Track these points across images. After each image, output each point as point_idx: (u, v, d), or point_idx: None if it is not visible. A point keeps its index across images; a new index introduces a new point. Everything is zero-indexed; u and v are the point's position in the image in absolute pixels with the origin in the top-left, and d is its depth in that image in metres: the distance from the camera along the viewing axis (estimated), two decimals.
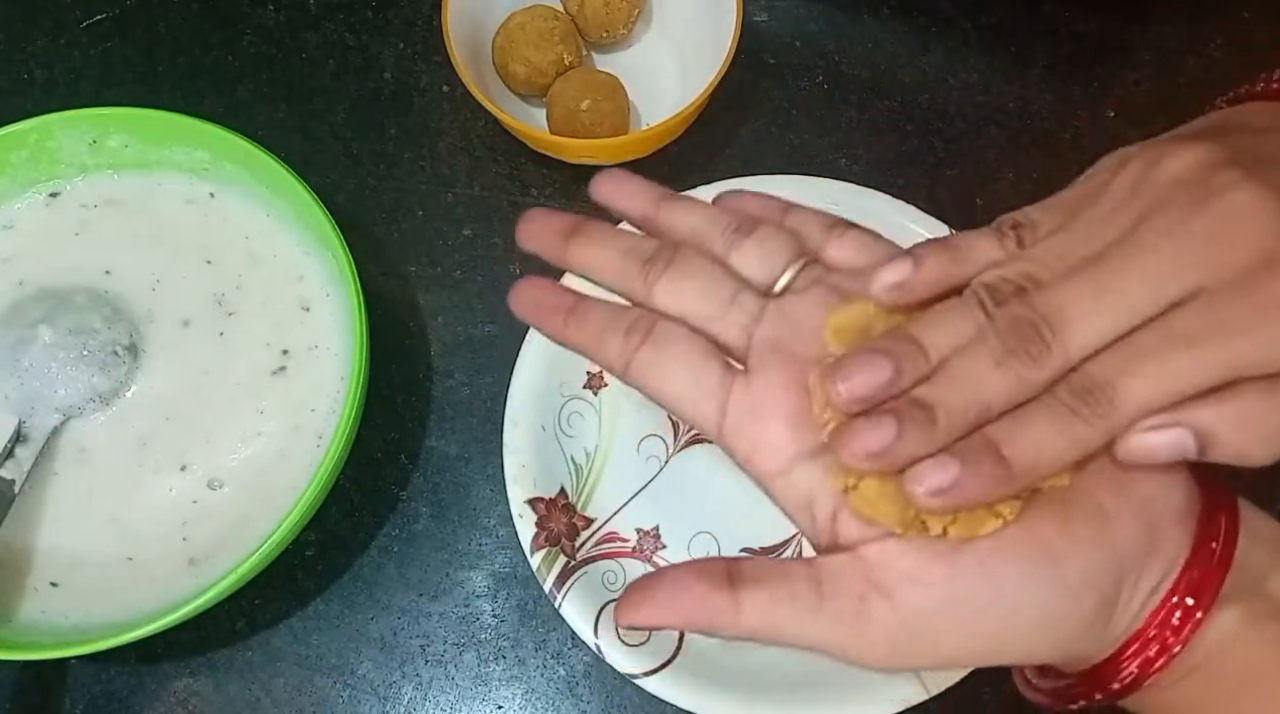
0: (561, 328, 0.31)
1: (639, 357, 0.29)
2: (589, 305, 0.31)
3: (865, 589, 0.26)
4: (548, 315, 0.31)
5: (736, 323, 0.30)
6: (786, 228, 0.32)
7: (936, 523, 0.26)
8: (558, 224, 0.32)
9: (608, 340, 0.30)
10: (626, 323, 0.30)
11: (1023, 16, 0.58)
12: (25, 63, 0.58)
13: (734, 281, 0.30)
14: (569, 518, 0.47)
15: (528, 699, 0.47)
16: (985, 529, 0.26)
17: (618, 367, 0.30)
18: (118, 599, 0.45)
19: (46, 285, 0.49)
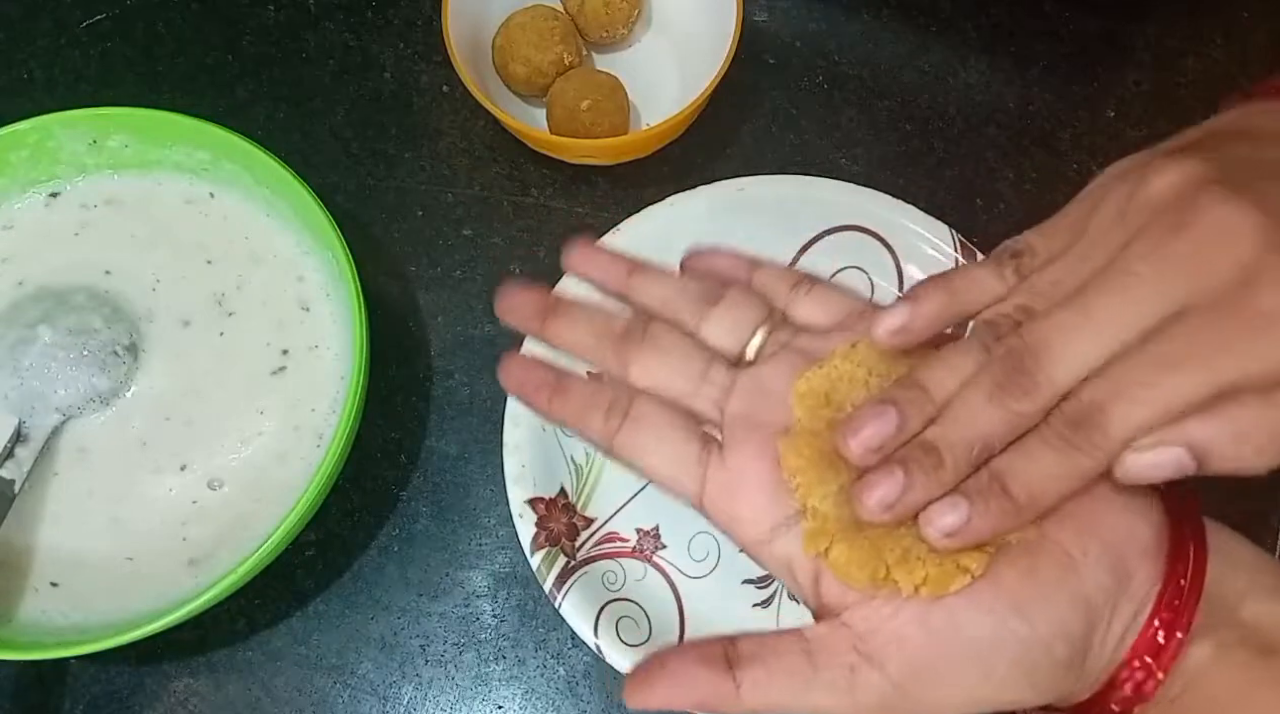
0: (547, 406, 0.32)
1: (620, 436, 0.31)
2: (570, 383, 0.32)
3: (854, 659, 0.27)
4: (533, 392, 0.32)
5: (708, 397, 0.31)
6: (754, 288, 0.33)
7: (907, 583, 0.27)
8: (535, 302, 0.33)
9: (590, 419, 0.31)
10: (606, 403, 0.31)
11: (1023, 16, 0.58)
12: (25, 63, 0.58)
13: (705, 355, 0.32)
14: (569, 518, 0.47)
15: (528, 699, 0.47)
16: (954, 586, 0.27)
17: (601, 445, 0.31)
18: (118, 599, 0.45)
19: (46, 285, 0.49)
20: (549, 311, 0.33)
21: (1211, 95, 0.56)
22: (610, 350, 0.32)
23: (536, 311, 0.33)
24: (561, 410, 0.32)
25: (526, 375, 0.33)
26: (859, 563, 0.27)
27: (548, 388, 0.32)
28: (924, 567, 0.27)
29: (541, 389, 0.32)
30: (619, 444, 0.31)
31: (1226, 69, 0.57)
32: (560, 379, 0.33)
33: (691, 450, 0.30)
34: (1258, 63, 0.57)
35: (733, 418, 0.30)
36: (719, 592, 0.47)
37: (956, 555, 0.27)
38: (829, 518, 0.28)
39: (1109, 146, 0.55)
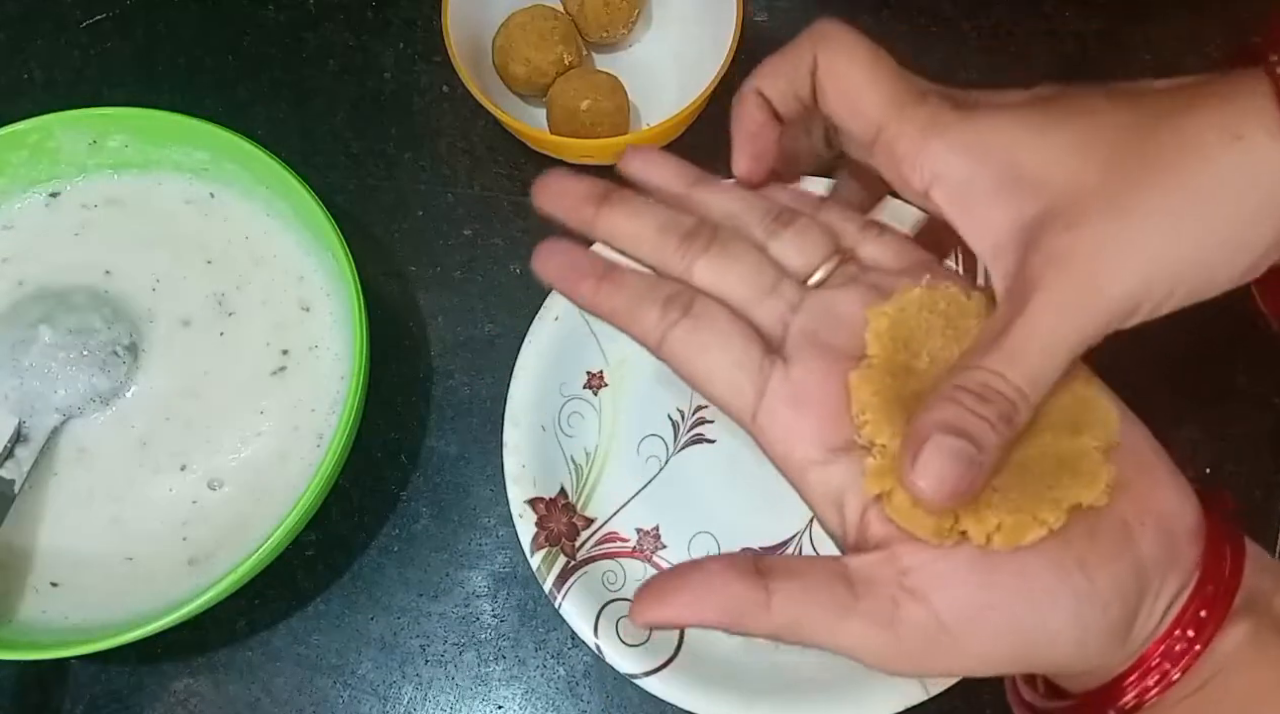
0: (592, 294, 0.29)
1: (676, 331, 0.28)
2: (623, 273, 0.29)
3: (898, 592, 0.26)
4: (577, 280, 0.29)
5: (775, 310, 0.29)
6: (822, 222, 0.31)
7: (979, 532, 0.26)
8: (585, 188, 0.30)
9: (643, 310, 0.29)
10: (665, 294, 0.29)
11: (1023, 16, 0.58)
12: (25, 63, 0.58)
13: (774, 268, 0.30)
14: (569, 518, 0.47)
15: (528, 699, 0.47)
16: (1029, 537, 0.26)
17: (652, 339, 0.29)
18: (118, 599, 0.45)
19: (46, 285, 0.49)
20: (604, 199, 0.30)
21: None
22: (674, 246, 0.29)
23: (588, 197, 0.30)
24: (611, 301, 0.29)
25: (572, 260, 0.29)
26: (925, 511, 0.26)
27: (595, 277, 0.29)
28: (997, 515, 0.26)
29: (588, 278, 0.29)
30: (674, 340, 0.28)
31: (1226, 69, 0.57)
32: (610, 268, 0.29)
33: (754, 356, 0.28)
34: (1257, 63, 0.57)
35: (799, 334, 0.29)
36: None
37: (1034, 506, 0.26)
38: (897, 456, 0.27)
39: None
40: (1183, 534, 0.28)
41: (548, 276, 0.30)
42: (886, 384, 0.28)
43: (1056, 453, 0.27)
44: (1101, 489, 0.27)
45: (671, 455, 0.49)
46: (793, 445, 0.28)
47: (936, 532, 0.26)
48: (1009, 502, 0.26)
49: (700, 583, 0.26)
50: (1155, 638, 0.27)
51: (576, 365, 0.50)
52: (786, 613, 0.26)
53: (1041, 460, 0.27)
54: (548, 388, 0.49)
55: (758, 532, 0.48)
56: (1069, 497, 0.27)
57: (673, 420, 0.49)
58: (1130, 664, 0.27)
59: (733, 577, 0.26)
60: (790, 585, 0.26)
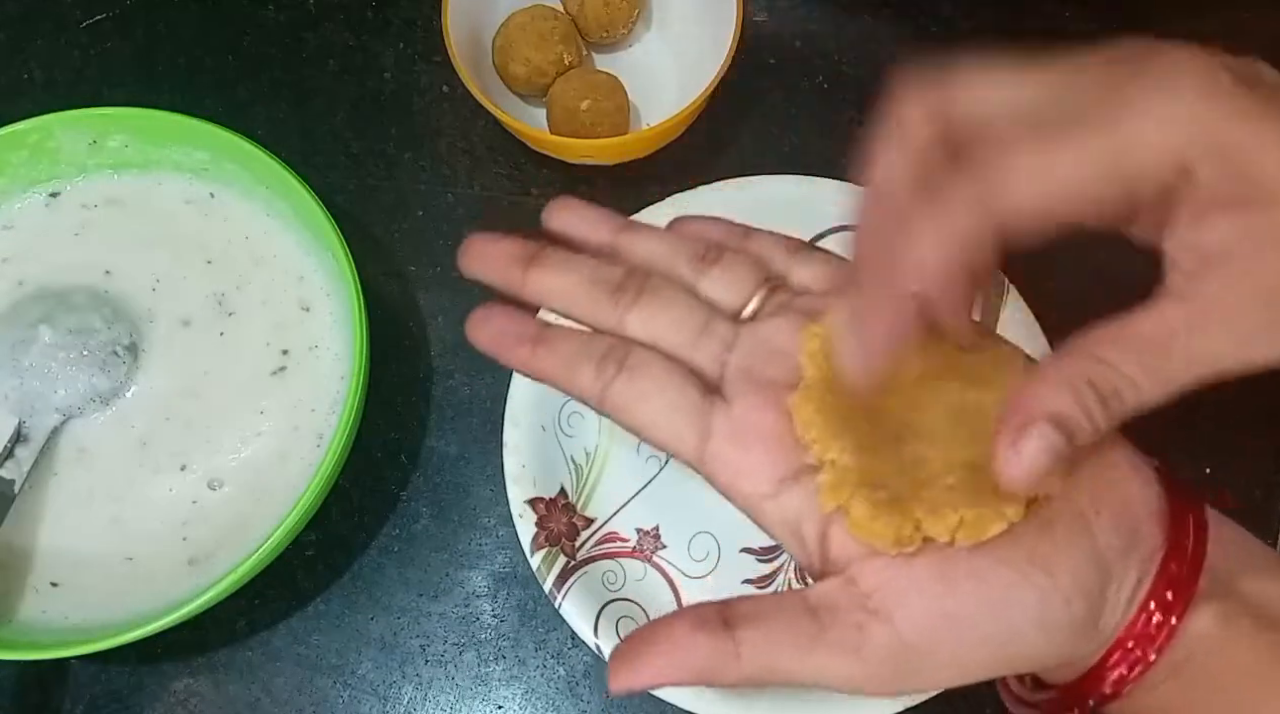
0: (528, 359, 0.30)
1: (615, 386, 0.29)
2: (555, 335, 0.30)
3: (862, 616, 0.26)
4: (512, 346, 0.30)
5: (710, 351, 0.30)
6: (750, 253, 0.32)
7: (943, 532, 0.26)
8: (512, 249, 0.31)
9: (580, 370, 0.29)
10: (600, 352, 0.29)
11: (1023, 16, 0.58)
12: (25, 63, 0.58)
13: (705, 309, 0.30)
14: (569, 518, 0.47)
15: (528, 699, 0.47)
16: (992, 530, 0.26)
17: (592, 397, 0.29)
18: (118, 599, 0.45)
19: (46, 285, 0.49)
20: (531, 259, 0.30)
21: None
22: (605, 298, 0.30)
23: (516, 258, 0.30)
24: (546, 363, 0.30)
25: (503, 326, 0.30)
26: (884, 520, 0.26)
27: (529, 340, 0.30)
28: (957, 512, 0.26)
29: (522, 341, 0.30)
30: (614, 394, 0.29)
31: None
32: (542, 330, 0.30)
33: (693, 400, 0.29)
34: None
35: (736, 371, 0.29)
36: (719, 592, 0.47)
37: (994, 500, 0.26)
38: (849, 469, 0.27)
39: None
40: (1143, 518, 0.28)
41: (481, 345, 0.30)
42: (827, 401, 0.28)
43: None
44: (1054, 480, 0.27)
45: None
46: (742, 482, 0.28)
47: (897, 541, 0.26)
48: (967, 499, 0.26)
49: (668, 645, 0.26)
50: (1125, 624, 0.27)
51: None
52: (756, 661, 0.26)
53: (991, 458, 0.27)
54: (548, 388, 0.48)
55: (757, 532, 0.47)
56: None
57: None
58: (1104, 651, 0.27)
59: (700, 635, 0.26)
60: (756, 633, 0.26)
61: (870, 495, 0.27)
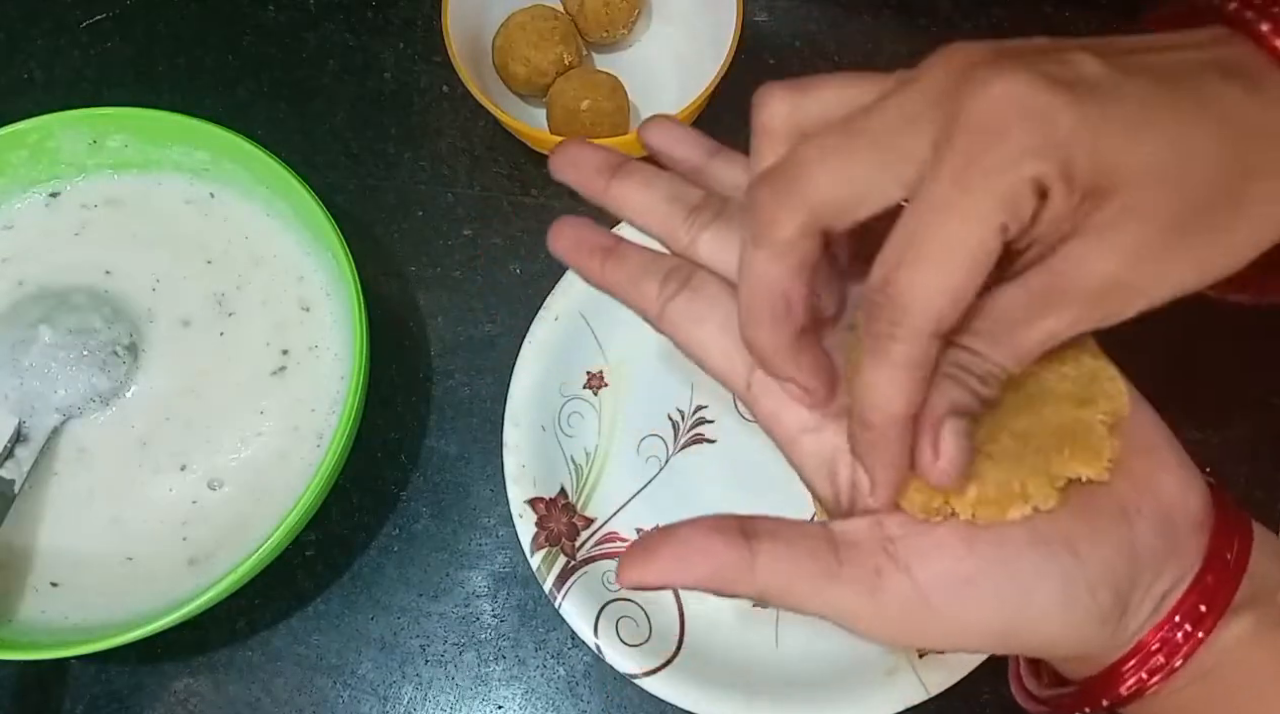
0: (599, 268, 0.30)
1: (675, 303, 0.29)
2: (628, 248, 0.30)
3: (883, 560, 0.26)
4: (586, 255, 0.30)
5: None
6: None
7: (964, 506, 0.26)
8: (599, 159, 0.31)
9: (644, 283, 0.30)
10: (665, 268, 0.30)
11: (1023, 17, 0.58)
12: (25, 63, 0.58)
13: None
14: (569, 518, 0.47)
15: (528, 699, 0.47)
16: (1012, 512, 0.26)
17: (652, 311, 0.30)
18: (118, 599, 0.45)
19: (46, 285, 0.49)
20: (616, 170, 0.31)
21: None
22: (681, 217, 0.30)
23: (600, 168, 0.31)
24: (615, 274, 0.30)
25: (580, 237, 0.31)
26: (917, 485, 0.26)
27: (602, 251, 0.30)
28: (981, 486, 0.26)
29: (596, 253, 0.30)
30: (672, 311, 0.29)
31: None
32: (617, 243, 0.30)
33: None
34: None
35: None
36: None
37: (1025, 480, 0.26)
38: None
39: None
40: (1184, 524, 0.27)
41: (558, 250, 0.31)
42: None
43: (1059, 424, 0.27)
44: (1104, 464, 0.26)
45: (671, 455, 0.49)
46: (785, 413, 0.28)
47: (924, 508, 0.26)
48: (1000, 472, 0.26)
49: (685, 544, 0.26)
50: (1151, 627, 0.27)
51: (576, 365, 0.50)
52: (771, 575, 0.26)
53: (1043, 431, 0.27)
54: (548, 388, 0.49)
55: None
56: (1067, 470, 0.26)
57: (673, 420, 0.49)
58: (1127, 652, 0.27)
59: (718, 539, 0.26)
60: (775, 548, 0.26)
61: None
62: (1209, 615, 0.27)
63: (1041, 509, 0.26)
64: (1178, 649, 0.27)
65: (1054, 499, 0.26)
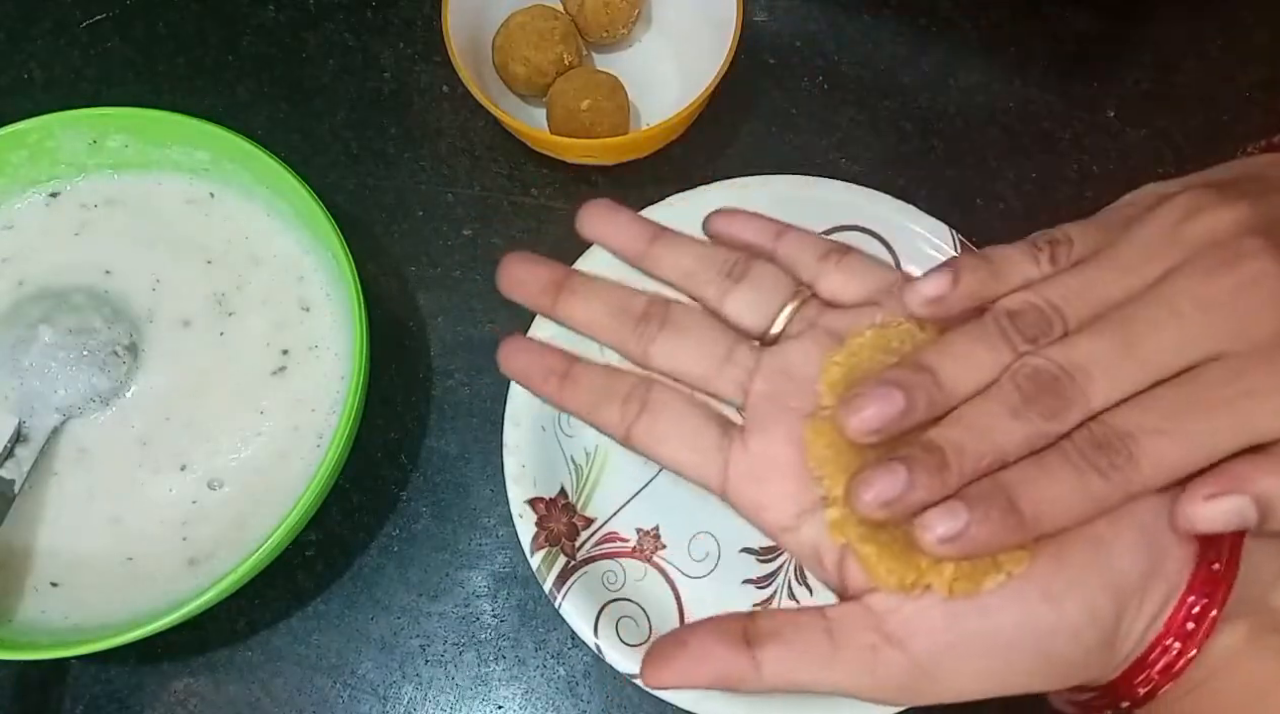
0: (556, 392, 0.31)
1: (637, 426, 0.30)
2: (581, 370, 0.31)
3: (876, 639, 0.27)
4: (540, 380, 0.31)
5: (732, 379, 0.30)
6: (780, 257, 0.31)
7: (941, 582, 0.26)
8: (544, 275, 0.31)
9: (604, 407, 0.30)
10: (623, 390, 0.30)
11: (1023, 17, 0.58)
12: (25, 63, 0.58)
13: (728, 336, 0.30)
14: (569, 518, 0.47)
15: (528, 699, 0.47)
16: (988, 584, 0.26)
17: (617, 434, 0.30)
18: (118, 599, 0.45)
19: (46, 285, 0.49)
20: (561, 286, 0.31)
21: (1211, 95, 0.57)
22: (629, 330, 0.31)
23: (548, 285, 0.31)
24: (573, 400, 0.31)
25: (532, 361, 0.31)
26: (889, 568, 0.27)
27: (556, 375, 0.31)
28: (956, 564, 0.26)
29: (550, 376, 0.31)
30: (636, 433, 0.30)
31: (1226, 69, 0.57)
32: (570, 365, 0.31)
33: (712, 437, 0.29)
34: (1258, 63, 0.57)
35: (757, 400, 0.30)
36: (719, 592, 0.47)
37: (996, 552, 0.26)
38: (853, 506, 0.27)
39: (1109, 146, 0.55)
40: (1168, 538, 0.27)
41: (512, 375, 0.31)
42: (841, 434, 0.28)
43: None
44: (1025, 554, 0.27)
45: None
46: (763, 515, 0.29)
47: (901, 585, 0.27)
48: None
49: (694, 652, 0.27)
50: (1146, 644, 0.27)
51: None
52: (776, 676, 0.27)
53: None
54: None
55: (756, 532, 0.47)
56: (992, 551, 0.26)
57: None
58: (1123, 670, 0.27)
59: (722, 649, 0.27)
60: (777, 650, 0.27)
61: (875, 536, 0.27)
62: (1199, 627, 0.27)
63: (1015, 574, 0.26)
64: (1171, 666, 0.27)
65: (1025, 562, 0.26)
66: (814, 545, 0.28)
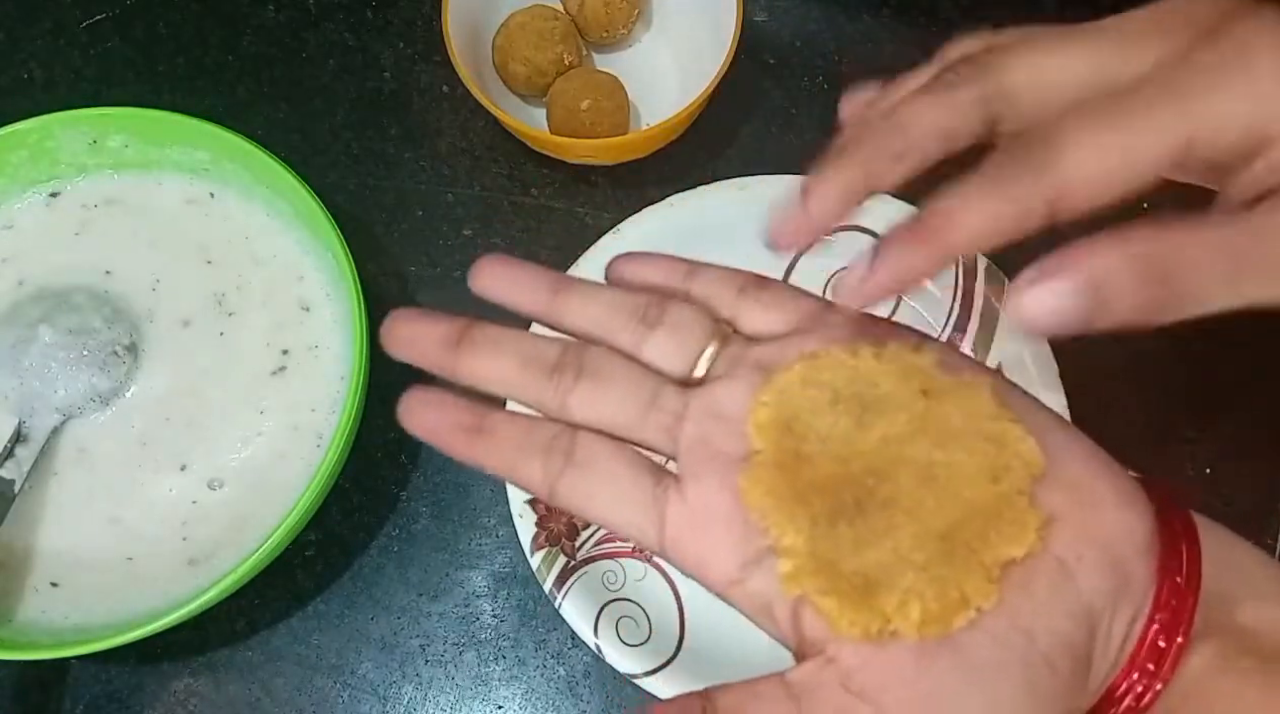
0: (468, 451, 0.28)
1: (562, 482, 0.27)
2: (495, 423, 0.28)
3: (844, 699, 0.25)
4: (448, 436, 0.28)
5: (661, 425, 0.28)
6: (696, 296, 0.30)
7: (909, 628, 0.25)
8: (439, 331, 0.29)
9: (526, 464, 0.28)
10: (543, 443, 0.28)
11: (1023, 18, 0.58)
12: (25, 63, 0.58)
13: (651, 379, 0.28)
14: (569, 518, 0.47)
15: (528, 699, 0.47)
16: (958, 621, 0.25)
17: (541, 493, 0.28)
18: (118, 599, 0.45)
19: (46, 285, 0.50)
20: (459, 340, 0.29)
21: None
22: (544, 382, 0.28)
23: (442, 341, 0.29)
24: (488, 457, 0.28)
25: (437, 417, 0.28)
26: (851, 619, 0.25)
27: (467, 430, 0.28)
28: (922, 604, 0.25)
29: (458, 432, 0.28)
30: (563, 490, 0.27)
31: None
32: (481, 419, 0.28)
33: (645, 489, 0.27)
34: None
35: (688, 447, 0.27)
36: None
37: (961, 582, 0.25)
38: (805, 554, 0.26)
39: None
40: (1131, 555, 0.26)
41: (418, 435, 0.28)
42: (778, 480, 0.26)
43: (979, 509, 0.26)
44: (1031, 538, 0.25)
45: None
46: (706, 571, 0.27)
47: (866, 634, 0.25)
48: (937, 581, 0.25)
49: None
50: (1119, 670, 0.26)
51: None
52: None
53: (966, 521, 0.26)
54: None
55: None
56: (999, 556, 0.25)
57: None
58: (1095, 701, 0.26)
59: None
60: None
61: (833, 585, 0.25)
62: (1170, 646, 0.26)
63: (985, 609, 0.25)
64: (1143, 695, 0.26)
65: (994, 595, 0.25)
66: (764, 598, 0.26)
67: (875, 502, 0.26)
